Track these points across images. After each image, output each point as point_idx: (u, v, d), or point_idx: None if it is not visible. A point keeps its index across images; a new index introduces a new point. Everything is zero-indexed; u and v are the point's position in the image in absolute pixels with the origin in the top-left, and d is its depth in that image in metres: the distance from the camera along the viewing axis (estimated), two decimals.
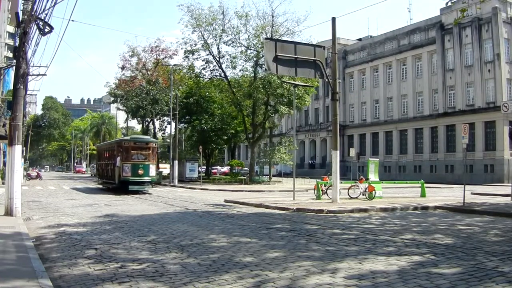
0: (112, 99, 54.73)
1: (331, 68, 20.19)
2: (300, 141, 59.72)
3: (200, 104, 42.33)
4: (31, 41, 13.41)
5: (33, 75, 24.35)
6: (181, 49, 40.89)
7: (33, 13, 12.09)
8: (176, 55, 47.12)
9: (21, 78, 12.14)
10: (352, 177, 33.98)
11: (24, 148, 52.45)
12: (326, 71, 17.37)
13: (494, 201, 17.77)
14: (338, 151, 17.85)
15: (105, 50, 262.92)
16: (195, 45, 37.57)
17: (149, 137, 34.74)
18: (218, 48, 37.50)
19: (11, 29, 38.83)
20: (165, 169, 43.89)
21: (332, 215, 13.58)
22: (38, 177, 46.59)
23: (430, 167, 44.65)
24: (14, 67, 13.36)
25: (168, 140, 47.03)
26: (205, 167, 46.96)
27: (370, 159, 27.42)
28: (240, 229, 10.27)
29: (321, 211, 14.07)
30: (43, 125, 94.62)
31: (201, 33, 36.76)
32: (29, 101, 45.67)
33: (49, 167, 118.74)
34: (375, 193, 18.30)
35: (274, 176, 44.82)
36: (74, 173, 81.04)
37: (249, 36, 36.48)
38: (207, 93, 42.82)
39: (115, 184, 24.42)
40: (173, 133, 39.16)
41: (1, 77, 27.89)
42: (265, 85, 34.05)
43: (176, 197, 21.55)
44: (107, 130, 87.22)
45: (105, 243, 8.38)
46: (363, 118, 53.58)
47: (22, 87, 12.28)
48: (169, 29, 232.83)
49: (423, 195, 19.98)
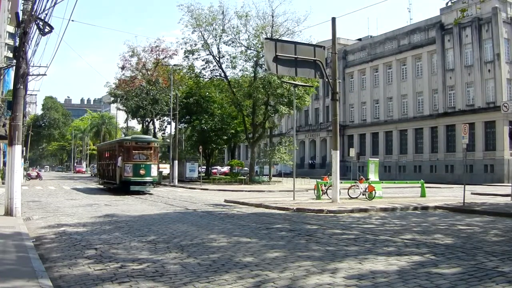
0: (112, 99, 54.80)
1: (331, 68, 20.19)
2: (300, 141, 59.72)
3: (200, 104, 42.32)
4: (31, 41, 13.43)
5: (33, 75, 24.38)
6: (181, 49, 40.97)
7: (33, 13, 12.09)
8: (176, 55, 47.31)
9: (21, 78, 12.14)
10: (352, 177, 33.98)
11: (24, 148, 52.46)
12: (326, 71, 17.37)
13: (494, 201, 17.77)
14: (338, 151, 17.86)
15: (105, 50, 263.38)
16: (195, 45, 37.62)
17: (150, 137, 34.71)
18: (218, 48, 37.57)
19: (11, 29, 38.82)
20: (165, 169, 43.84)
21: (332, 215, 13.58)
22: (38, 177, 46.59)
23: (430, 167, 44.65)
24: (14, 67, 13.36)
25: (168, 140, 47.03)
26: (205, 167, 46.95)
27: (370, 159, 27.41)
28: (240, 229, 10.27)
29: (321, 211, 14.07)
30: (43, 125, 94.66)
31: (201, 33, 36.78)
32: (29, 101, 45.67)
33: (49, 167, 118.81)
34: (375, 193, 18.31)
35: (274, 176, 44.82)
36: (74, 173, 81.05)
37: (249, 36, 36.53)
38: (207, 93, 42.80)
39: (116, 184, 24.22)
40: (173, 133, 39.17)
41: (1, 77, 27.89)
42: (265, 85, 34.05)
43: (176, 197, 21.55)
44: (107, 130, 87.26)
45: (105, 243, 8.38)
46: (363, 118, 53.57)
47: (22, 87, 12.28)
48: (169, 29, 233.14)
49: (423, 195, 19.98)
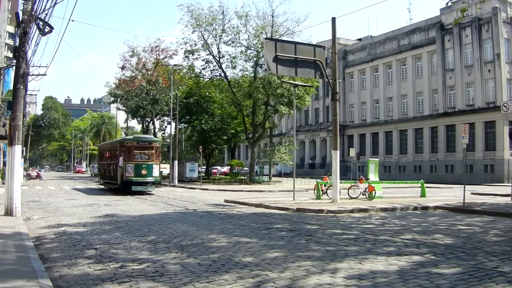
0: (112, 99, 54.79)
1: (331, 68, 20.19)
2: (300, 141, 59.72)
3: (200, 104, 42.32)
4: (31, 41, 13.43)
5: (33, 75, 24.37)
6: (181, 49, 40.95)
7: (33, 13, 12.09)
8: (176, 55, 47.29)
9: (21, 78, 12.14)
10: (352, 177, 33.97)
11: (24, 148, 52.46)
12: (326, 71, 17.37)
13: (494, 201, 17.77)
14: (338, 151, 17.86)
15: (105, 50, 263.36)
16: (195, 45, 37.62)
17: (152, 137, 34.65)
18: (218, 48, 37.57)
19: (11, 29, 38.82)
20: (165, 169, 43.87)
21: (332, 215, 13.58)
22: (38, 177, 46.60)
23: (430, 167, 44.65)
24: (14, 67, 13.36)
25: (168, 140, 47.06)
26: (205, 167, 46.94)
27: (370, 159, 27.41)
28: (240, 229, 10.27)
29: (321, 211, 14.07)
30: (43, 125, 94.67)
31: (201, 33, 36.79)
32: (29, 101, 45.68)
33: (49, 167, 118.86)
34: (375, 193, 18.31)
35: (274, 176, 44.82)
36: (74, 173, 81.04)
37: (249, 36, 36.54)
38: (207, 93, 42.81)
39: (118, 184, 24.01)
40: (173, 133, 39.17)
41: (1, 77, 27.89)
42: (265, 85, 34.05)
43: (176, 197, 21.55)
44: (107, 130, 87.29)
45: (105, 243, 8.38)
46: (363, 118, 53.57)
47: (22, 87, 12.28)
48: (169, 29, 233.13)
49: (423, 195, 19.98)
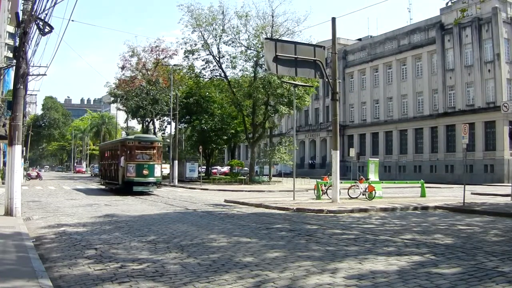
0: (112, 99, 54.84)
1: (331, 68, 20.19)
2: (300, 141, 59.72)
3: (200, 104, 42.33)
4: (31, 41, 13.42)
5: (33, 75, 24.36)
6: (181, 49, 41.04)
7: (33, 13, 12.09)
8: (176, 55, 47.36)
9: (21, 78, 12.14)
10: (352, 177, 33.98)
11: (24, 148, 52.46)
12: (326, 71, 17.37)
13: (494, 201, 17.77)
14: (338, 151, 17.86)
15: (105, 50, 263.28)
16: (195, 45, 37.64)
17: (154, 136, 34.58)
18: (218, 48, 37.58)
19: (11, 29, 38.83)
20: (165, 169, 43.83)
21: (332, 215, 13.58)
22: (38, 177, 46.59)
23: (430, 167, 44.65)
24: (14, 67, 13.36)
25: (168, 140, 47.03)
26: (205, 167, 46.95)
27: (370, 159, 27.41)
28: (240, 229, 10.27)
29: (321, 211, 14.07)
30: (43, 125, 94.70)
31: (201, 33, 36.80)
32: (29, 101, 45.68)
33: (49, 167, 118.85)
34: (375, 193, 18.31)
35: (274, 176, 44.82)
36: (74, 173, 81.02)
37: (249, 36, 36.54)
38: (207, 93, 42.82)
39: (119, 185, 23.83)
40: (173, 133, 39.17)
41: (1, 77, 27.88)
42: (265, 85, 34.05)
43: (176, 197, 21.55)
44: (107, 130, 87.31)
45: (105, 243, 8.38)
46: (363, 118, 53.57)
47: (22, 87, 12.28)
48: (169, 29, 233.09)
49: (423, 195, 19.98)
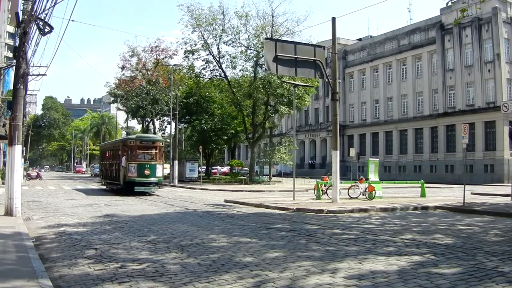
0: (112, 99, 54.84)
1: (331, 68, 20.19)
2: (300, 141, 59.72)
3: (200, 104, 42.33)
4: (31, 41, 13.42)
5: (33, 75, 24.36)
6: (181, 49, 41.04)
7: (33, 13, 12.09)
8: (176, 55, 47.37)
9: (21, 78, 12.14)
10: (352, 177, 33.98)
11: (24, 148, 52.46)
12: (326, 71, 17.37)
13: (494, 201, 17.77)
14: (338, 151, 17.86)
15: (105, 50, 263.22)
16: (195, 45, 37.64)
17: (156, 136, 34.51)
18: (218, 48, 37.58)
19: (11, 29, 38.83)
20: (165, 169, 43.80)
21: (332, 215, 13.58)
22: (38, 177, 46.58)
23: (430, 167, 44.65)
24: (14, 67, 13.36)
25: (168, 140, 47.04)
26: (205, 167, 46.95)
27: (370, 159, 27.40)
28: (240, 229, 10.27)
29: (321, 211, 14.07)
30: (43, 125, 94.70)
31: (201, 33, 36.80)
32: (29, 101, 45.68)
33: (49, 167, 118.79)
34: (375, 193, 18.31)
35: (274, 176, 44.82)
36: (74, 173, 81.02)
37: (249, 36, 36.55)
38: (207, 93, 42.83)
39: (120, 185, 23.65)
40: (173, 133, 39.17)
41: (1, 77, 27.88)
42: (265, 85, 34.06)
43: (176, 197, 21.55)
44: (107, 130, 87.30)
45: (105, 243, 8.38)
46: (363, 118, 53.57)
47: (22, 87, 12.28)
48: (169, 29, 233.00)
49: (423, 195, 19.98)
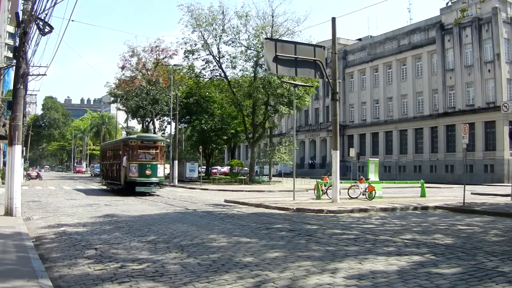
0: (112, 99, 54.86)
1: (331, 68, 20.19)
2: (300, 141, 59.72)
3: (200, 104, 42.33)
4: (31, 41, 13.42)
5: (33, 75, 24.37)
6: (181, 49, 41.00)
7: (33, 13, 12.09)
8: (176, 55, 47.39)
9: (21, 78, 12.14)
10: (352, 177, 33.97)
11: (24, 148, 52.46)
12: (326, 71, 17.37)
13: (494, 201, 17.77)
14: (338, 151, 17.86)
15: (105, 50, 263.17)
16: (195, 45, 37.63)
17: (157, 136, 34.47)
18: (218, 48, 37.57)
19: (11, 29, 38.83)
20: (165, 169, 43.78)
21: (332, 215, 13.58)
22: (38, 177, 46.58)
23: (430, 167, 44.64)
24: (14, 67, 13.36)
25: (168, 140, 47.05)
26: (205, 167, 46.95)
27: (370, 159, 27.40)
28: (240, 229, 10.27)
29: (321, 211, 14.07)
30: (43, 125, 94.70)
31: (201, 33, 36.80)
32: (29, 101, 45.69)
33: (49, 167, 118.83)
34: (375, 193, 18.31)
35: (274, 176, 44.83)
36: (74, 173, 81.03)
37: (249, 36, 36.55)
38: (207, 93, 42.83)
39: (121, 185, 23.57)
40: (173, 133, 39.17)
41: (1, 77, 27.89)
42: (265, 85, 34.05)
43: (176, 197, 21.55)
44: (107, 130, 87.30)
45: (105, 243, 8.38)
46: (363, 118, 53.57)
47: (22, 87, 12.28)
48: (169, 29, 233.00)
49: (423, 195, 19.98)
